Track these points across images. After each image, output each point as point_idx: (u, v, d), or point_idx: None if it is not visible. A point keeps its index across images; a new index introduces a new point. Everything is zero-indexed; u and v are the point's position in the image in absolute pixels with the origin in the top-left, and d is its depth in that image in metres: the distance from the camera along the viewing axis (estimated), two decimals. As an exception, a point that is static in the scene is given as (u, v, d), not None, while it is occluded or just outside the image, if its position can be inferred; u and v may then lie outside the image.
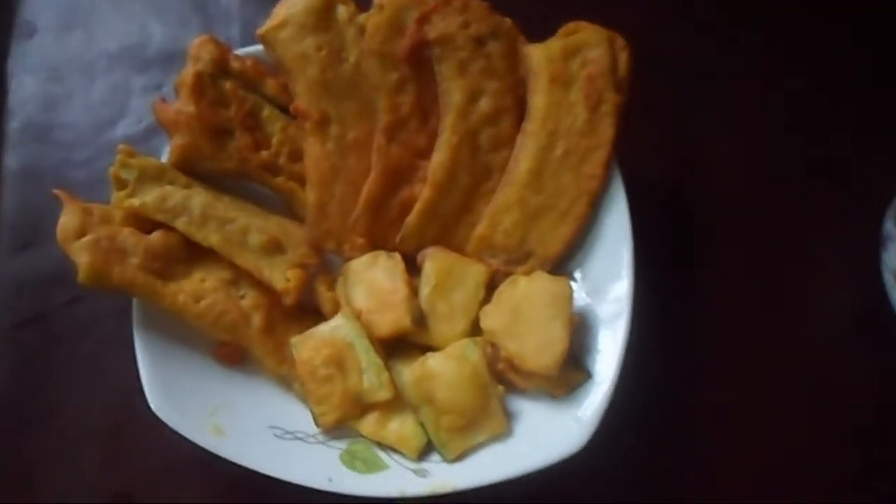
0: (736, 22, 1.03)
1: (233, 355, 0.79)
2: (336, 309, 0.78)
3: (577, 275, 0.82)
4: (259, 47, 0.82)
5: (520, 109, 0.81)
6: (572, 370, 0.76)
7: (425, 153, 0.81)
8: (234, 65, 0.82)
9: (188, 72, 0.80)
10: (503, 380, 0.76)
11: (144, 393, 0.72)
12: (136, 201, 0.75)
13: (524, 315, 0.76)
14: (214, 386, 0.77)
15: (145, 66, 0.98)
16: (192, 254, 0.77)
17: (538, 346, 0.74)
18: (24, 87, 0.96)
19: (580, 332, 0.77)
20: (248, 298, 0.77)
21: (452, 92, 0.80)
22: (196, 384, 0.76)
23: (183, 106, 0.79)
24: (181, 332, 0.76)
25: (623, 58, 0.81)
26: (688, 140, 0.95)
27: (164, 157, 0.79)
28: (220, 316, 0.76)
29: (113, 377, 0.83)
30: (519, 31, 0.81)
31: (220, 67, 0.81)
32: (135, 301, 0.76)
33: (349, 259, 0.80)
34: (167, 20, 1.01)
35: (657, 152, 0.92)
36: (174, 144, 0.78)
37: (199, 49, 0.81)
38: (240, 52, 0.83)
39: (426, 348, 0.77)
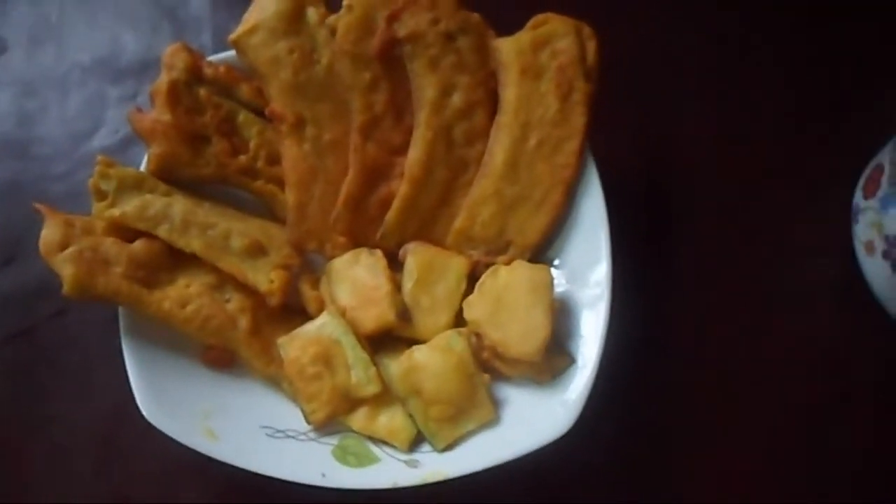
0: (709, 8, 1.04)
1: (221, 359, 0.79)
2: (321, 308, 0.78)
3: (557, 262, 0.82)
4: (232, 53, 0.83)
5: (492, 102, 0.82)
6: (556, 355, 0.77)
7: (401, 150, 0.81)
8: (208, 71, 0.82)
9: (162, 80, 0.80)
10: (489, 368, 0.77)
11: (136, 401, 0.72)
12: (116, 211, 0.75)
13: (506, 304, 0.76)
14: (205, 390, 0.77)
15: (119, 76, 0.98)
16: (176, 260, 0.77)
17: (521, 333, 0.75)
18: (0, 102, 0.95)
19: (562, 317, 0.78)
20: (234, 302, 0.78)
21: (425, 88, 0.80)
22: (186, 389, 0.76)
23: (159, 114, 0.79)
24: (168, 338, 0.77)
25: (591, 47, 0.82)
26: (662, 127, 0.96)
27: (143, 167, 0.79)
28: (206, 320, 0.76)
29: (103, 387, 0.83)
30: (487, 26, 0.81)
31: (194, 75, 0.82)
32: (121, 310, 0.75)
33: (331, 258, 0.80)
34: (139, 29, 1.01)
35: (631, 140, 0.93)
36: (152, 153, 0.78)
37: (172, 57, 0.81)
38: (213, 58, 0.83)
39: (412, 341, 0.77)
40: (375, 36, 0.79)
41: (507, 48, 0.81)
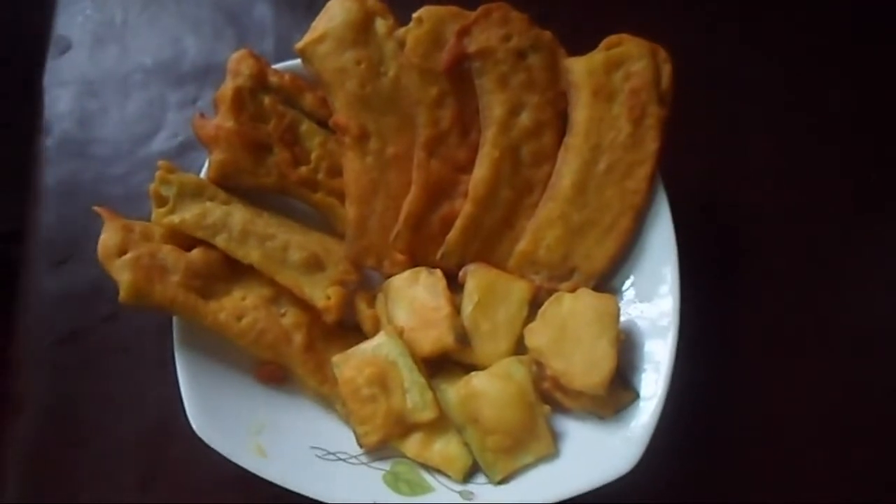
0: (780, 33, 1.01)
1: (274, 375, 0.77)
2: (377, 327, 0.76)
3: (622, 291, 0.79)
4: (297, 61, 0.81)
5: (561, 123, 0.79)
6: (620, 389, 0.73)
7: (466, 168, 0.79)
8: (273, 79, 0.81)
9: (227, 86, 0.78)
10: (549, 399, 0.74)
11: (184, 412, 0.70)
12: (175, 218, 0.74)
13: (570, 333, 0.73)
14: (256, 406, 0.75)
15: (180, 80, 0.96)
16: (233, 271, 0.75)
17: (585, 364, 0.72)
18: (59, 102, 0.95)
19: (626, 349, 0.74)
20: (289, 316, 0.75)
21: (493, 106, 0.78)
22: (238, 404, 0.74)
23: (222, 121, 0.77)
24: (222, 350, 0.75)
25: (666, 70, 0.79)
26: (730, 153, 0.93)
27: (203, 173, 0.78)
28: (260, 334, 0.74)
29: (152, 396, 0.81)
30: (559, 44, 0.79)
31: (259, 82, 0.80)
32: (175, 319, 0.74)
33: (389, 276, 0.77)
34: (201, 34, 0.99)
35: (698, 166, 0.90)
36: (214, 160, 0.77)
37: (238, 64, 0.80)
38: (278, 66, 0.81)
39: (470, 367, 0.74)
40: (445, 50, 0.77)
41: (579, 68, 0.78)
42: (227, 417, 0.72)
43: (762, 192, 0.91)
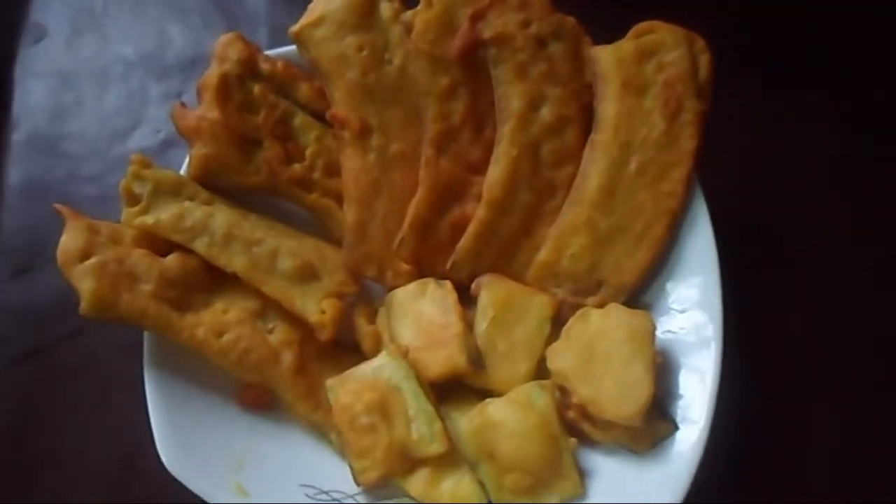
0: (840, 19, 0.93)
1: (259, 400, 0.71)
2: (378, 346, 0.71)
3: (656, 307, 0.73)
4: (291, 48, 0.76)
5: (586, 119, 0.74)
6: (656, 419, 0.67)
7: (480, 167, 0.74)
8: (264, 66, 0.75)
9: (213, 73, 0.73)
10: (575, 431, 0.68)
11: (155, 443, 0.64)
12: (149, 219, 0.68)
13: (599, 354, 0.67)
14: (237, 436, 0.69)
15: (164, 72, 0.92)
16: (214, 281, 0.70)
17: (617, 391, 0.66)
18: (31, 94, 0.91)
19: (662, 374, 0.68)
20: (278, 333, 0.70)
21: (511, 98, 0.73)
22: (216, 434, 0.68)
23: (206, 111, 0.72)
24: (199, 371, 0.69)
25: (704, 61, 0.74)
26: (769, 155, 0.88)
27: (184, 170, 0.73)
28: (244, 353, 0.68)
29: (121, 421, 0.75)
30: (584, 32, 0.74)
31: (249, 69, 0.75)
32: (146, 335, 0.68)
33: (393, 288, 0.73)
34: (188, 23, 0.94)
35: (734, 168, 0.84)
36: (195, 154, 0.71)
37: (225, 48, 0.74)
38: (271, 52, 0.76)
39: (484, 393, 0.69)
40: (457, 36, 0.72)
41: (607, 57, 0.73)
42: (203, 450, 0.66)
43: (806, 197, 0.86)
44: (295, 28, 0.74)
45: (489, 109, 0.74)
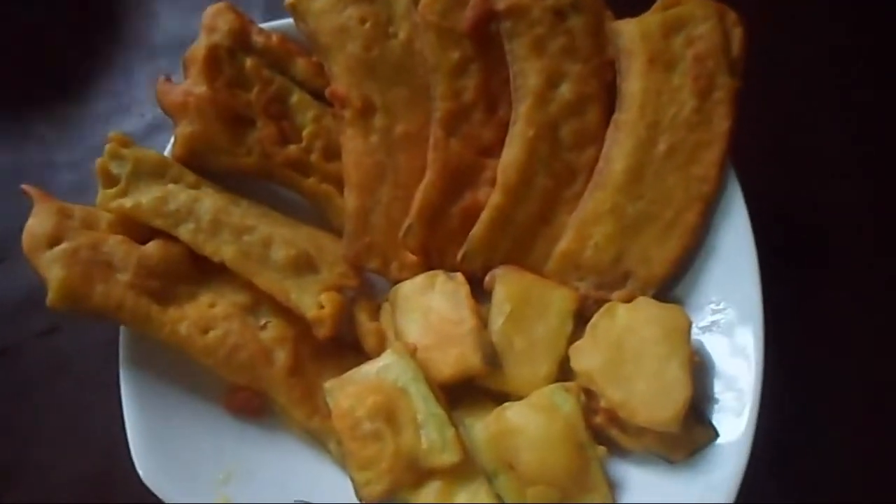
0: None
1: (249, 404, 0.67)
2: (382, 344, 0.68)
3: (689, 301, 0.69)
4: (288, 21, 0.73)
5: (608, 98, 0.71)
6: (694, 425, 0.63)
7: (493, 150, 0.71)
8: (258, 39, 0.72)
9: (200, 44, 0.69)
10: (603, 438, 0.64)
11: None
12: (127, 202, 0.64)
13: (629, 353, 0.63)
14: (224, 445, 0.65)
15: (150, 53, 0.89)
16: (199, 271, 0.66)
17: (651, 393, 0.62)
18: None
19: (698, 375, 0.64)
20: (270, 329, 0.67)
21: (527, 75, 0.70)
22: (200, 443, 0.64)
23: (193, 86, 0.68)
24: (182, 373, 0.66)
25: (737, 35, 0.71)
26: (804, 138, 0.84)
27: (168, 151, 0.70)
28: (233, 351, 0.64)
29: (97, 430, 0.71)
30: (605, 4, 0.72)
31: (240, 41, 0.71)
32: (123, 331, 0.65)
33: (398, 281, 0.70)
34: (177, 2, 0.91)
35: (766, 150, 0.81)
36: (180, 133, 0.68)
37: (214, 18, 0.71)
38: (266, 25, 0.73)
39: (501, 396, 0.66)
40: (468, 7, 0.70)
41: (631, 31, 0.70)
42: (185, 461, 0.63)
43: (842, 181, 0.82)
44: (291, -2, 0.71)
45: (503, 87, 0.71)
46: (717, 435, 0.63)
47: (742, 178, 0.68)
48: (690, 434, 0.63)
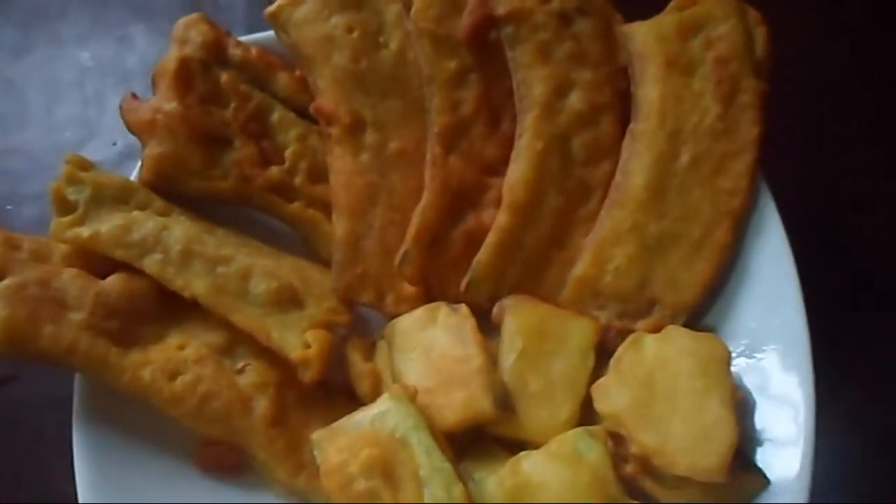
0: None
1: (224, 461, 0.63)
2: (378, 388, 0.65)
3: (722, 330, 0.65)
4: (269, 34, 0.71)
5: (623, 107, 0.69)
6: (740, 472, 0.58)
7: (497, 167, 0.69)
8: (235, 52, 0.71)
9: (171, 57, 0.68)
10: (636, 490, 0.60)
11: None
12: (85, 231, 0.60)
13: (661, 390, 0.59)
14: None
15: (124, 78, 0.86)
16: (167, 309, 0.63)
17: (691, 436, 0.57)
18: None
19: (741, 413, 0.60)
20: (249, 374, 0.63)
21: (532, 84, 0.67)
22: None
23: (162, 102, 0.65)
24: (147, 426, 0.62)
25: (760, 35, 0.68)
26: (839, 144, 0.82)
27: (135, 175, 0.67)
28: (205, 400, 0.60)
29: (56, 490, 0.67)
30: (613, 7, 0.70)
31: (215, 54, 0.69)
32: (78, 379, 0.61)
33: (395, 316, 0.67)
34: (153, 23, 0.89)
35: (798, 159, 0.76)
36: (148, 154, 0.65)
37: (186, 30, 0.69)
38: (245, 38, 0.71)
39: (516, 445, 0.62)
40: (465, 13, 0.68)
41: (645, 34, 0.68)
42: None
43: (883, 189, 0.80)
44: (272, 7, 0.69)
45: (506, 99, 0.69)
46: (767, 482, 0.59)
47: (774, 190, 0.66)
48: (738, 482, 0.58)
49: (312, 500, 0.62)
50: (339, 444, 0.58)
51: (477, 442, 0.62)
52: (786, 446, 0.59)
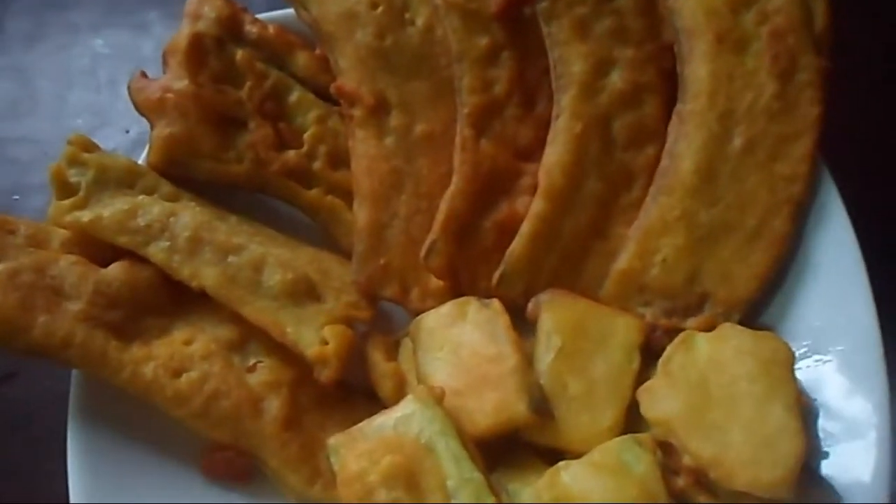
0: None
1: (232, 468, 0.60)
2: (401, 389, 0.62)
3: (781, 329, 0.62)
4: (289, 12, 0.69)
5: (669, 87, 0.66)
6: (808, 486, 0.55)
7: (532, 152, 0.66)
8: (251, 29, 0.68)
9: (182, 33, 0.65)
10: None
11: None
12: (85, 215, 0.57)
13: (717, 395, 0.55)
14: None
15: (139, 64, 0.78)
16: (173, 300, 0.60)
17: (752, 446, 0.53)
18: None
19: (807, 421, 0.56)
20: (261, 372, 0.60)
21: (570, 62, 0.65)
22: None
23: (172, 81, 0.63)
24: (149, 427, 0.59)
25: (819, 6, 0.65)
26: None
27: (143, 158, 0.64)
28: (213, 399, 0.57)
29: (56, 493, 0.61)
30: None
31: (230, 31, 0.67)
32: (75, 375, 0.58)
33: (420, 311, 0.64)
34: (169, 9, 0.86)
35: (862, 142, 0.73)
36: (156, 135, 0.62)
37: (199, 5, 0.66)
38: (262, 16, 0.69)
39: (554, 454, 0.58)
40: None
41: (693, 8, 0.64)
42: None
43: None
44: (290, -18, 0.67)
45: (541, 79, 0.67)
46: (838, 498, 0.55)
47: (836, 176, 0.63)
48: (805, 499, 0.54)
49: (328, 511, 0.58)
50: (359, 451, 0.55)
51: (511, 450, 0.59)
52: (857, 459, 0.55)
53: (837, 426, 0.56)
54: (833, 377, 0.58)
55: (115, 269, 0.57)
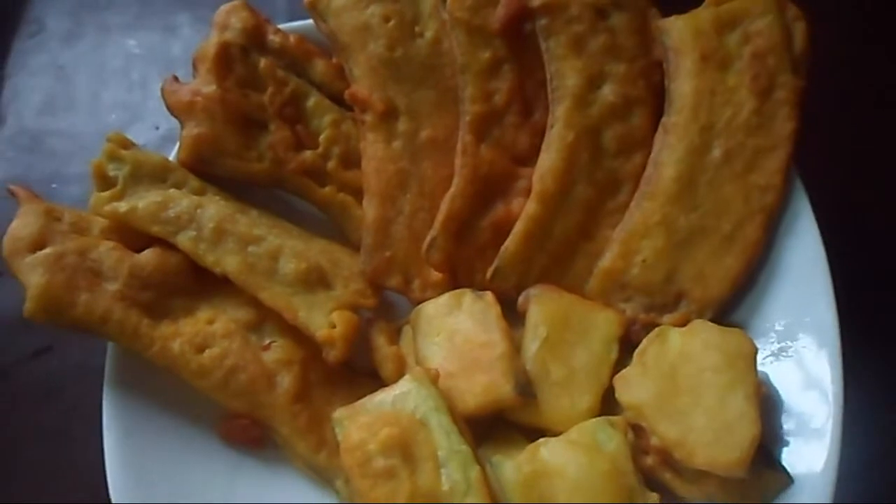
0: None
1: (247, 434, 0.63)
2: (401, 370, 0.64)
3: (750, 326, 0.64)
4: (308, 23, 0.71)
5: (656, 101, 0.68)
6: (763, 469, 0.57)
7: (528, 157, 0.68)
8: (274, 39, 0.71)
9: (211, 42, 0.68)
10: (655, 482, 0.58)
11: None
12: (122, 206, 0.60)
13: (685, 384, 0.58)
14: (217, 482, 0.61)
15: (168, 65, 0.86)
16: (198, 284, 0.63)
17: (713, 430, 0.56)
18: (21, 90, 0.87)
19: (766, 409, 0.58)
20: (275, 350, 0.63)
21: (565, 75, 0.67)
22: (190, 478, 0.60)
23: (201, 85, 0.66)
24: (174, 397, 0.61)
25: (799, 30, 0.67)
26: (874, 149, 0.79)
27: (174, 155, 0.67)
28: (231, 373, 0.60)
29: (85, 459, 0.64)
30: (650, 2, 0.69)
31: (255, 41, 0.70)
32: (110, 348, 0.61)
33: (421, 301, 0.67)
34: (198, 13, 0.90)
35: (835, 156, 0.75)
36: (186, 135, 0.65)
37: (227, 15, 0.69)
38: (284, 26, 0.72)
39: (535, 432, 0.61)
40: (500, 4, 0.67)
41: (681, 28, 0.67)
42: (171, 499, 0.58)
43: None
44: (310, -4, 0.69)
45: (539, 90, 0.68)
46: (790, 480, 0.57)
47: (808, 188, 0.65)
48: (759, 479, 0.57)
49: (331, 477, 0.62)
50: (360, 423, 0.58)
51: (496, 427, 0.62)
52: (811, 445, 0.57)
53: (794, 417, 0.59)
54: (794, 372, 0.60)
55: (148, 255, 0.61)
